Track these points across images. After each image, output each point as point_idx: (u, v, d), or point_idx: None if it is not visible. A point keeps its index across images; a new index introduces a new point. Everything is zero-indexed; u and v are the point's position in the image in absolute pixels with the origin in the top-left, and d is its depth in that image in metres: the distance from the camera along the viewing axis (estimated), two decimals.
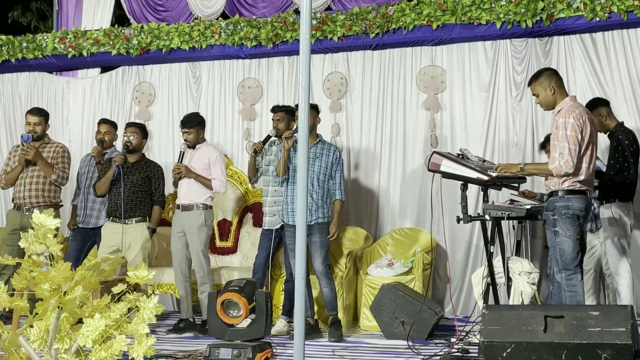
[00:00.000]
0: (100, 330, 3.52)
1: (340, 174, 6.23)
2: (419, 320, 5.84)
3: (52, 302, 3.56)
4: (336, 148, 6.34)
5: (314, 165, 6.17)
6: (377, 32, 7.20)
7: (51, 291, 3.57)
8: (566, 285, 4.90)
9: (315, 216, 6.12)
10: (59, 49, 8.24)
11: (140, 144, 6.51)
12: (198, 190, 6.37)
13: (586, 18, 6.61)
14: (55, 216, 6.26)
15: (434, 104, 7.33)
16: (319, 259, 6.10)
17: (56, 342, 3.54)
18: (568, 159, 4.79)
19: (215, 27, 7.75)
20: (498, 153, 7.13)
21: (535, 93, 5.15)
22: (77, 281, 3.62)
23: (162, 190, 6.54)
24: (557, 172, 4.84)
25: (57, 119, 8.46)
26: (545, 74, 5.14)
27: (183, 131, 6.50)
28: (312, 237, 6.10)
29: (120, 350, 3.53)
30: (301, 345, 3.12)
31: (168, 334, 6.30)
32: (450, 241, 7.14)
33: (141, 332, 3.65)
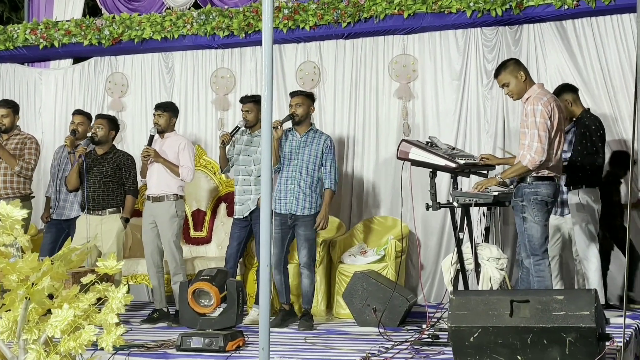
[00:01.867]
0: (68, 320, 3.54)
1: (331, 162, 6.20)
2: (391, 307, 5.89)
3: (20, 293, 3.57)
4: (328, 136, 6.33)
5: (303, 153, 6.17)
6: (349, 21, 7.22)
7: (19, 282, 3.58)
8: (534, 270, 4.98)
9: (302, 206, 6.13)
10: (30, 40, 8.19)
11: (107, 135, 6.49)
12: (168, 181, 6.37)
13: (555, 6, 6.66)
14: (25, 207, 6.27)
15: (406, 92, 7.36)
16: (303, 251, 6.13)
17: (24, 333, 3.55)
18: (537, 146, 4.85)
19: (187, 17, 7.73)
20: (469, 141, 7.18)
21: (505, 83, 5.18)
22: (45, 272, 3.62)
23: (133, 179, 6.53)
24: (533, 165, 4.89)
25: (30, 110, 8.43)
26: (512, 62, 5.21)
27: (156, 113, 6.49)
28: (298, 228, 6.14)
29: (89, 340, 3.54)
30: (266, 331, 3.15)
31: (142, 325, 6.31)
32: (422, 229, 7.21)
33: (110, 322, 3.67)
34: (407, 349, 4.98)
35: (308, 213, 6.12)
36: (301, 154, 6.15)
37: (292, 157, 6.16)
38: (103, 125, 6.47)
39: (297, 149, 6.16)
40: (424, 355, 4.78)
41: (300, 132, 6.23)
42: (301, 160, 6.14)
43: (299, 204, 6.10)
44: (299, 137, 6.21)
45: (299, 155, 6.15)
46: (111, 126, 6.55)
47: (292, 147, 6.18)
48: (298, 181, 6.11)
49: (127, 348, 4.96)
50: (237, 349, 4.99)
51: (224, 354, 4.86)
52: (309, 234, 6.13)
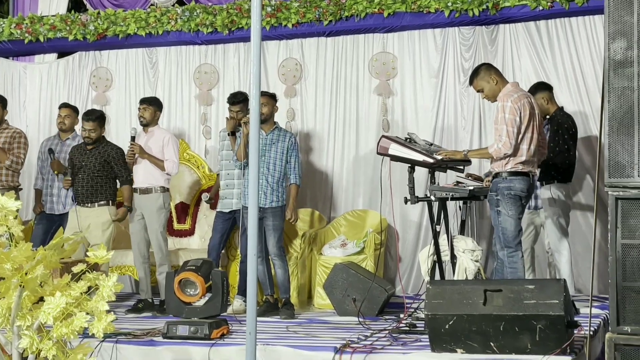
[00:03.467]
0: (61, 307, 3.68)
1: (295, 159, 6.48)
2: (370, 297, 6.09)
3: (14, 281, 3.71)
4: (292, 134, 6.58)
5: (270, 150, 6.39)
6: (330, 19, 7.39)
7: (13, 270, 3.72)
8: (508, 262, 5.19)
9: (270, 199, 6.34)
10: (15, 35, 8.27)
11: (99, 134, 6.61)
12: (155, 173, 6.53)
13: (530, 7, 6.87)
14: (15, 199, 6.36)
15: (385, 89, 7.55)
16: (272, 241, 6.34)
17: (18, 320, 3.67)
18: (506, 140, 5.08)
19: (172, 13, 7.86)
20: (447, 137, 7.38)
21: (479, 89, 5.43)
22: (38, 260, 3.76)
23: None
24: (497, 155, 5.13)
25: (15, 104, 8.49)
26: (482, 68, 5.44)
27: (141, 107, 6.62)
28: (266, 220, 6.33)
29: (80, 326, 3.68)
30: (253, 316, 3.32)
31: (127, 314, 6.46)
32: (401, 222, 7.40)
33: (101, 309, 3.81)
34: (386, 337, 5.18)
35: (276, 205, 6.37)
36: (268, 151, 6.38)
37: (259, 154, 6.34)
38: (94, 127, 6.56)
39: (264, 146, 6.37)
40: (401, 343, 4.97)
41: (266, 130, 6.42)
42: (268, 157, 6.37)
43: (267, 198, 6.32)
44: (265, 136, 6.40)
45: (266, 152, 6.37)
46: (101, 124, 6.66)
47: (259, 145, 6.36)
48: (266, 176, 6.33)
49: (115, 336, 5.11)
50: (221, 336, 5.16)
51: (209, 341, 5.02)
52: (277, 224, 6.37)
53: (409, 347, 4.86)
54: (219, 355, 4.87)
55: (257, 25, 3.41)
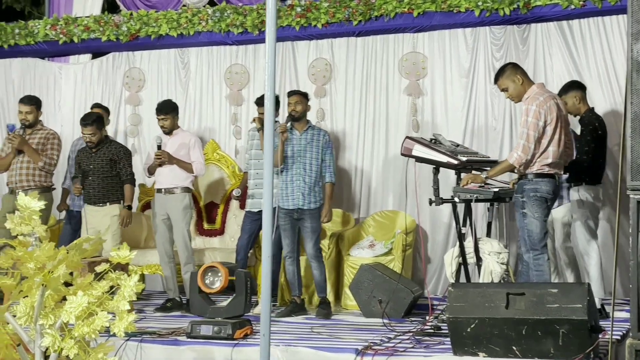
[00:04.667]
0: (83, 307, 3.73)
1: (330, 156, 6.47)
2: (396, 298, 6.06)
3: (37, 280, 3.77)
4: (325, 132, 6.56)
5: (306, 151, 6.38)
6: (360, 19, 7.38)
7: (36, 270, 3.78)
8: (533, 265, 5.12)
9: (307, 200, 6.34)
10: (50, 36, 8.41)
11: (100, 137, 6.67)
12: (180, 175, 6.60)
13: (562, 6, 6.78)
14: (46, 199, 6.50)
15: (415, 89, 7.51)
16: (310, 243, 6.34)
17: (41, 318, 3.73)
18: (525, 144, 5.03)
19: (203, 14, 7.91)
20: (477, 137, 7.32)
21: (504, 88, 5.35)
22: (60, 260, 3.82)
23: (128, 169, 6.73)
24: (519, 163, 5.08)
25: (50, 104, 8.64)
26: (509, 67, 5.36)
27: (160, 118, 6.68)
28: (304, 222, 6.35)
29: (102, 325, 3.72)
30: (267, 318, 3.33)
31: (155, 313, 6.52)
32: (430, 223, 7.37)
33: (122, 309, 3.86)
34: (409, 339, 5.15)
35: (314, 207, 6.35)
36: (303, 151, 6.36)
37: (294, 155, 6.35)
38: (93, 132, 6.62)
39: (299, 146, 6.36)
40: (424, 345, 4.95)
41: (299, 129, 6.42)
42: (304, 157, 6.36)
43: (305, 199, 6.31)
44: (299, 135, 6.39)
45: (301, 152, 6.35)
46: (99, 126, 6.70)
47: (294, 145, 6.37)
48: (303, 177, 6.32)
49: (140, 335, 5.17)
50: (244, 337, 5.19)
51: (232, 342, 5.05)
52: (315, 226, 6.36)
53: (432, 350, 4.84)
54: (241, 356, 4.89)
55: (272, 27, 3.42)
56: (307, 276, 6.75)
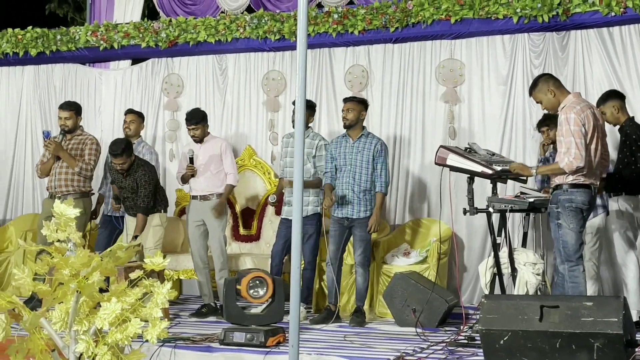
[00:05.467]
0: (116, 313, 3.77)
1: (382, 166, 6.36)
2: (430, 308, 6.03)
3: (72, 287, 3.82)
4: (379, 140, 6.48)
5: (356, 159, 6.36)
6: (397, 26, 7.35)
7: (71, 276, 3.83)
8: (569, 276, 5.06)
9: (357, 209, 6.33)
10: (91, 42, 8.52)
11: (130, 163, 6.66)
12: (216, 181, 6.68)
13: (602, 13, 6.67)
14: (85, 204, 6.59)
15: (452, 96, 7.47)
16: (358, 251, 6.35)
17: (75, 324, 3.77)
18: (576, 152, 4.94)
19: (240, 21, 7.96)
20: (515, 145, 7.25)
21: (538, 101, 5.32)
22: (94, 267, 3.87)
23: (145, 198, 6.66)
24: (569, 168, 4.99)
25: (90, 110, 8.76)
26: (541, 80, 5.30)
27: (190, 127, 6.74)
28: (354, 229, 6.36)
29: (135, 332, 3.76)
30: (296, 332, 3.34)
31: (190, 318, 6.57)
32: (466, 231, 7.32)
33: (155, 316, 3.89)
34: (442, 350, 5.12)
35: (363, 215, 6.33)
36: (354, 159, 6.34)
37: (345, 162, 6.35)
38: (124, 160, 6.58)
39: (351, 154, 6.35)
40: (457, 357, 4.91)
41: (353, 137, 6.41)
42: (354, 165, 6.34)
43: (354, 208, 6.32)
44: (352, 143, 6.39)
45: (352, 161, 6.34)
46: (129, 153, 6.65)
47: (346, 152, 6.37)
48: (352, 186, 6.32)
49: (174, 341, 5.22)
50: (277, 344, 5.20)
51: (264, 349, 5.06)
52: (364, 234, 6.34)
53: None
54: None
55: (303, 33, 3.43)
56: (345, 284, 6.75)
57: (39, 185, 8.79)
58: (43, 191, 8.43)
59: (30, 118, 9.04)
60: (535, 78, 5.49)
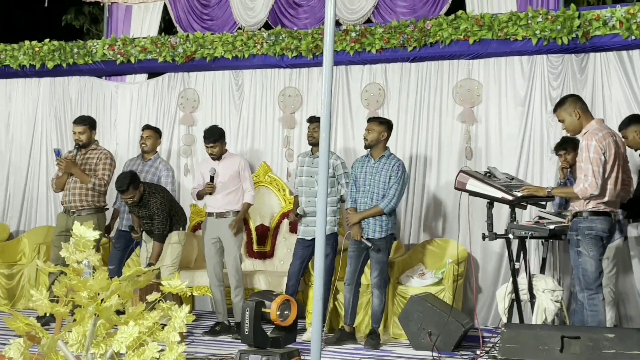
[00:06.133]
0: (134, 337, 3.75)
1: (395, 185, 6.26)
2: (446, 331, 5.98)
3: (90, 310, 3.80)
4: (398, 160, 6.41)
5: (374, 179, 6.32)
6: (415, 45, 7.33)
7: (89, 299, 3.81)
8: (588, 304, 5.00)
9: (372, 229, 6.28)
10: (108, 55, 8.53)
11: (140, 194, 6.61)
12: (233, 199, 6.69)
13: (622, 36, 6.65)
14: (99, 219, 6.57)
15: (469, 116, 7.43)
16: (375, 272, 6.31)
17: (93, 347, 3.76)
18: (592, 180, 4.90)
19: (258, 37, 7.96)
20: (532, 167, 7.21)
21: (561, 119, 5.28)
22: (113, 290, 3.85)
23: (159, 224, 6.63)
24: (583, 195, 4.96)
25: (106, 123, 8.78)
26: (569, 100, 5.26)
27: (208, 146, 6.73)
28: (371, 251, 6.29)
29: (152, 356, 3.74)
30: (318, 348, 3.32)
31: (204, 336, 6.54)
32: (482, 252, 7.27)
33: (172, 340, 3.87)
34: None
35: (379, 236, 6.28)
36: (373, 179, 6.31)
37: (365, 182, 6.32)
38: (132, 194, 6.54)
39: (371, 175, 6.32)
40: None
41: (375, 157, 6.38)
42: (372, 186, 6.31)
43: (369, 228, 6.27)
44: (373, 163, 6.35)
45: (371, 181, 6.31)
46: (136, 185, 6.58)
47: (366, 172, 6.34)
48: (370, 206, 6.27)
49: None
50: None
51: None
52: (380, 256, 6.29)
53: None
54: None
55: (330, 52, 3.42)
56: (360, 304, 6.72)
57: (53, 198, 8.79)
58: (57, 204, 8.44)
59: (46, 130, 9.06)
60: (564, 97, 5.46)
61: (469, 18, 7.12)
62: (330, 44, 3.77)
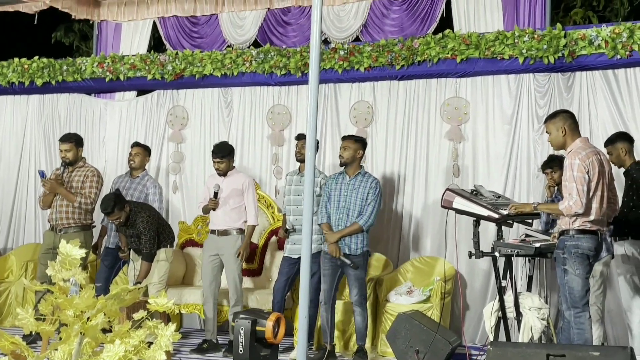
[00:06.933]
0: (119, 356, 3.74)
1: (372, 203, 6.29)
2: (433, 349, 5.98)
3: (75, 328, 3.80)
4: (375, 179, 6.44)
5: (351, 196, 6.33)
6: (403, 64, 7.38)
7: (75, 317, 3.80)
8: (574, 323, 5.02)
9: (349, 246, 6.28)
10: (97, 73, 8.55)
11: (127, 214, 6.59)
12: (234, 216, 6.74)
13: (607, 55, 6.70)
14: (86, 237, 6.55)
15: (456, 134, 7.48)
16: (354, 290, 6.30)
17: None
18: (577, 199, 4.93)
19: (247, 55, 7.99)
20: (519, 185, 7.25)
21: (548, 131, 5.30)
22: (99, 309, 3.84)
23: (147, 242, 6.60)
24: (568, 212, 4.99)
25: (94, 140, 8.79)
26: (561, 115, 5.29)
27: (215, 160, 6.75)
28: (347, 269, 6.29)
29: None
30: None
31: (191, 354, 6.53)
32: (468, 269, 7.29)
33: (158, 358, 3.87)
34: None
35: (355, 253, 6.27)
36: (349, 197, 6.32)
37: (340, 199, 6.33)
38: (118, 215, 6.50)
39: (346, 192, 6.33)
40: None
41: (350, 174, 6.40)
42: (348, 203, 6.31)
43: (346, 245, 6.27)
44: (348, 180, 6.37)
45: (347, 198, 6.32)
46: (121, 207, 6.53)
47: (341, 189, 6.36)
48: (345, 223, 6.28)
49: None
50: None
51: None
52: (358, 273, 6.28)
53: None
54: None
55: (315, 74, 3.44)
56: (345, 321, 6.72)
57: (40, 215, 8.77)
58: (45, 221, 8.41)
59: (34, 147, 9.07)
60: (558, 110, 5.52)
61: (457, 37, 7.18)
62: (316, 65, 3.79)
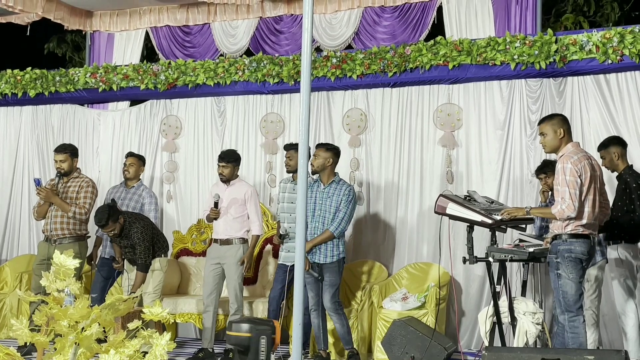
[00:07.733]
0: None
1: (344, 209, 6.30)
2: (429, 355, 5.99)
3: (70, 338, 3.79)
4: (349, 185, 6.45)
5: (325, 204, 6.34)
6: (395, 71, 7.40)
7: (69, 327, 3.80)
8: (569, 327, 5.03)
9: (324, 254, 6.30)
10: (90, 83, 8.56)
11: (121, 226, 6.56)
12: (235, 226, 6.74)
13: (598, 60, 6.74)
14: (80, 247, 6.54)
15: (450, 141, 7.50)
16: (327, 296, 6.31)
17: None
18: (569, 202, 4.95)
19: (239, 64, 8.01)
20: (512, 190, 7.27)
21: (543, 132, 5.28)
22: (94, 319, 3.84)
23: (141, 253, 6.58)
24: (560, 216, 5.00)
25: (88, 150, 8.78)
26: (559, 117, 5.32)
27: (221, 165, 6.76)
28: (323, 274, 6.30)
29: None
30: None
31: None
32: (464, 275, 7.30)
33: None
34: None
35: (331, 260, 6.31)
36: (324, 204, 6.34)
37: (315, 207, 6.35)
38: (112, 227, 6.47)
39: (321, 200, 6.35)
40: None
41: (324, 182, 6.41)
42: (323, 211, 6.33)
43: (321, 253, 6.30)
44: (322, 188, 6.38)
45: (322, 206, 6.34)
46: (115, 219, 6.49)
47: (316, 197, 6.37)
48: (321, 231, 6.29)
49: None
50: None
51: None
52: (333, 279, 6.31)
53: None
54: None
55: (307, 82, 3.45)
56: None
57: (35, 226, 8.76)
58: (39, 232, 8.42)
59: (28, 158, 9.06)
60: (554, 113, 5.53)
61: (448, 43, 7.21)
62: (308, 72, 3.80)
